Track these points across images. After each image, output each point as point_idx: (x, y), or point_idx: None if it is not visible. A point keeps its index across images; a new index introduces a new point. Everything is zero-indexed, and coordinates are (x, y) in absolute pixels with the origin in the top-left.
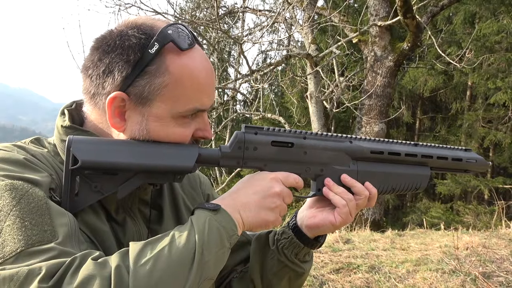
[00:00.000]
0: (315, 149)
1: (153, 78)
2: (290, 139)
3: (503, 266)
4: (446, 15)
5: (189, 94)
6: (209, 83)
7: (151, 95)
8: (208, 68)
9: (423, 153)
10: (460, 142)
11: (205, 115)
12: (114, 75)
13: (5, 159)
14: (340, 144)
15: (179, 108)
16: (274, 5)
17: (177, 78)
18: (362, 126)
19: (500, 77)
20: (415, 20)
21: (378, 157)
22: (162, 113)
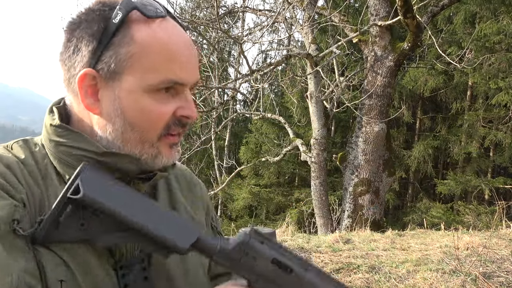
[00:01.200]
0: (311, 286)
1: (118, 49)
2: (292, 265)
3: (504, 266)
4: (447, 15)
5: (159, 64)
6: (184, 53)
7: (118, 67)
8: (182, 39)
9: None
10: (460, 142)
11: (187, 91)
12: (81, 51)
13: None
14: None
15: (150, 80)
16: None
17: (144, 46)
18: (362, 126)
19: (501, 77)
20: (416, 20)
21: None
22: (132, 87)
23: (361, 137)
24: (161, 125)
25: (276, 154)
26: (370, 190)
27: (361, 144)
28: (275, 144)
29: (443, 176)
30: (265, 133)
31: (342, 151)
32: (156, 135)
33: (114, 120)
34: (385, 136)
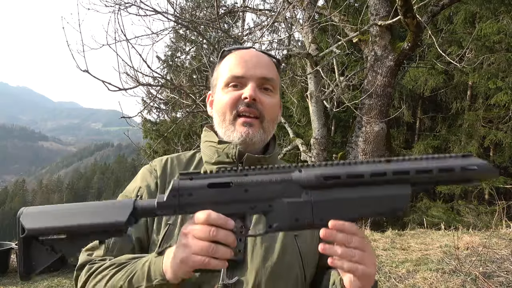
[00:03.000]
0: (258, 185)
1: (214, 73)
2: (228, 179)
3: (504, 266)
4: (447, 15)
5: (227, 69)
6: (242, 60)
7: (215, 81)
8: (247, 54)
9: (395, 169)
10: (460, 142)
11: (251, 83)
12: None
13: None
14: (287, 175)
15: (223, 79)
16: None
17: (223, 65)
18: (362, 126)
19: (501, 76)
20: (416, 19)
21: (335, 182)
22: (219, 87)
23: (361, 136)
24: (229, 105)
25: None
26: None
27: (361, 144)
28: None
29: None
30: None
31: (342, 150)
32: (231, 114)
33: (216, 112)
34: (385, 136)
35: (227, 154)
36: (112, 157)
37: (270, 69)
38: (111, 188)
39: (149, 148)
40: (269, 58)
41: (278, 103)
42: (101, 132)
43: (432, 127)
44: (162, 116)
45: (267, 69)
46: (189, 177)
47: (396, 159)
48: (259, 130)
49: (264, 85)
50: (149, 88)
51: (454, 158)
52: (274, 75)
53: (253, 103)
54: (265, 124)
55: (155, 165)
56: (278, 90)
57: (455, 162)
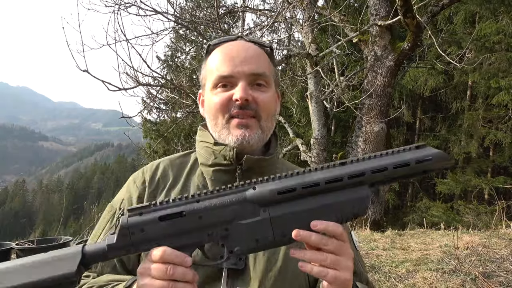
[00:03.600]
0: (212, 210)
1: (202, 72)
2: (179, 209)
3: (503, 266)
4: (446, 15)
5: (211, 69)
6: (228, 56)
7: (203, 80)
8: (235, 48)
9: (350, 173)
10: (460, 142)
11: (242, 82)
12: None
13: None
14: (241, 194)
15: (211, 80)
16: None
17: (209, 63)
18: (362, 126)
19: (501, 76)
20: (416, 19)
21: (291, 195)
22: (208, 89)
23: (361, 136)
24: (220, 108)
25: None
26: None
27: (361, 144)
28: None
29: (443, 176)
30: None
31: (342, 150)
32: (223, 118)
33: (207, 114)
34: (385, 136)
35: (224, 156)
36: (112, 157)
37: (261, 62)
38: (111, 188)
39: (149, 148)
40: (259, 49)
41: (273, 96)
42: (101, 132)
43: (432, 127)
44: (162, 116)
45: (257, 63)
46: (138, 212)
47: (351, 161)
48: (257, 131)
49: (256, 81)
50: (149, 88)
51: (409, 151)
52: (265, 68)
53: (246, 104)
54: (262, 122)
55: (142, 172)
56: (272, 82)
57: (410, 156)
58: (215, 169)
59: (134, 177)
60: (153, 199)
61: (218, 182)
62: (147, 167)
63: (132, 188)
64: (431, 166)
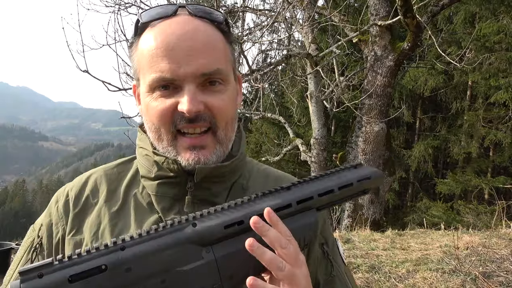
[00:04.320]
0: (143, 258)
1: (133, 57)
2: (97, 262)
3: (503, 266)
4: (446, 15)
5: (150, 64)
6: (168, 49)
7: (136, 73)
8: (177, 34)
9: (297, 198)
10: (460, 141)
11: (188, 85)
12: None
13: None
14: (178, 234)
15: (146, 81)
16: (274, 4)
17: (141, 50)
18: (362, 126)
19: (501, 76)
20: (415, 19)
21: (238, 229)
22: (142, 90)
23: (361, 136)
24: (163, 121)
25: (276, 153)
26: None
27: (361, 144)
28: (275, 143)
29: (443, 176)
30: (265, 132)
31: (342, 150)
32: (169, 134)
33: (145, 122)
34: (385, 136)
35: (169, 168)
36: (112, 157)
37: (214, 53)
38: None
39: None
40: (211, 28)
41: (232, 94)
42: (101, 132)
43: (432, 127)
44: None
45: (208, 56)
46: (37, 273)
47: (297, 183)
48: (214, 148)
49: (208, 80)
50: None
51: (349, 171)
52: (220, 59)
53: (196, 116)
54: (219, 134)
55: (67, 189)
56: (230, 74)
57: (351, 176)
58: (160, 182)
59: (57, 195)
60: (80, 224)
61: (164, 197)
62: (74, 181)
63: (53, 210)
64: (370, 185)
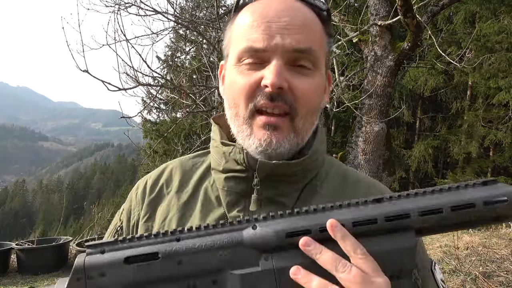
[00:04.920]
0: (196, 253)
1: (226, 35)
2: (152, 248)
3: (503, 266)
4: (447, 15)
5: (241, 36)
6: (263, 19)
7: (226, 49)
8: (265, 9)
9: (389, 213)
10: (460, 141)
11: (276, 59)
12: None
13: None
14: (236, 235)
15: (234, 53)
16: None
17: (237, 25)
18: (362, 126)
19: (501, 76)
20: (416, 19)
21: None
22: (230, 62)
23: (361, 136)
24: (243, 95)
25: None
26: None
27: (361, 144)
28: None
29: (443, 176)
30: None
31: (342, 150)
32: (247, 110)
33: (226, 99)
34: (385, 136)
35: (235, 160)
36: (112, 157)
37: (310, 32)
38: (111, 188)
39: (149, 148)
40: (311, 12)
41: (320, 83)
42: (101, 132)
43: (432, 127)
44: (162, 116)
45: (304, 33)
46: (100, 249)
47: (390, 197)
48: (289, 135)
49: (297, 61)
50: (149, 88)
51: (472, 188)
52: (315, 41)
53: (278, 93)
54: (297, 122)
55: (146, 178)
56: (322, 62)
57: (476, 194)
58: (227, 176)
59: (138, 183)
60: (153, 211)
61: (231, 192)
62: (154, 171)
63: (133, 196)
64: (504, 211)
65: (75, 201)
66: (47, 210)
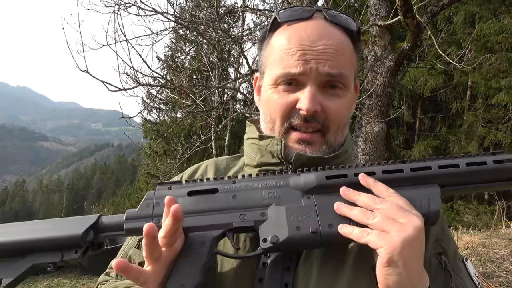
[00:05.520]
0: (248, 190)
1: (263, 52)
2: (212, 185)
3: (503, 266)
4: (446, 15)
5: (278, 61)
6: (300, 45)
7: (263, 67)
8: (310, 35)
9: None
10: (460, 141)
11: (310, 84)
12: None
13: None
14: (283, 178)
15: (272, 75)
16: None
17: (273, 48)
18: (362, 126)
19: (501, 76)
20: (415, 19)
21: (342, 181)
22: (266, 82)
23: (361, 136)
24: (280, 114)
25: None
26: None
27: (361, 144)
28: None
29: None
30: None
31: None
32: (282, 127)
33: (262, 112)
34: (385, 136)
35: (271, 152)
36: (112, 157)
37: (342, 58)
38: (111, 188)
39: (149, 148)
40: (343, 35)
41: (350, 101)
42: (101, 132)
43: (432, 127)
44: (162, 116)
45: (337, 60)
46: (168, 186)
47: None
48: (321, 147)
49: (330, 83)
50: (149, 88)
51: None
52: (347, 65)
53: (312, 116)
54: (329, 137)
55: (181, 173)
56: (351, 81)
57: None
58: (261, 169)
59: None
60: None
61: None
62: (189, 168)
63: None
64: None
65: (75, 201)
66: (47, 210)
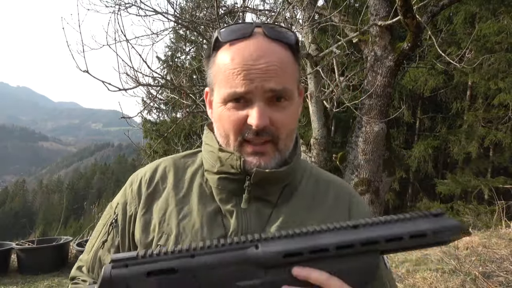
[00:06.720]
0: (207, 269)
1: (210, 70)
2: (170, 264)
3: (503, 266)
4: (446, 15)
5: (225, 80)
6: (244, 66)
7: (211, 84)
8: (252, 55)
9: (364, 240)
10: (460, 142)
11: (258, 101)
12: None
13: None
14: (241, 253)
15: (221, 94)
16: (274, 5)
17: (219, 66)
18: (362, 126)
19: (501, 77)
20: (415, 20)
21: (297, 260)
22: (216, 99)
23: (361, 137)
24: (233, 130)
25: None
26: (370, 190)
27: (361, 144)
28: None
29: (443, 176)
30: None
31: (342, 151)
32: (236, 141)
33: (216, 127)
34: (385, 136)
35: (231, 165)
36: (112, 157)
37: (285, 72)
38: (111, 188)
39: (149, 148)
40: (283, 50)
41: (296, 109)
42: (101, 132)
43: (432, 127)
44: (162, 116)
45: (280, 75)
46: (124, 263)
47: (364, 224)
48: (274, 156)
49: (276, 97)
50: (149, 88)
51: (427, 219)
52: (289, 77)
53: (263, 129)
54: (280, 144)
55: (140, 174)
56: (295, 90)
57: (427, 226)
58: (221, 177)
59: (131, 178)
60: (150, 205)
61: (224, 190)
62: (146, 167)
63: (128, 191)
64: (445, 238)
65: (75, 201)
66: (47, 210)
